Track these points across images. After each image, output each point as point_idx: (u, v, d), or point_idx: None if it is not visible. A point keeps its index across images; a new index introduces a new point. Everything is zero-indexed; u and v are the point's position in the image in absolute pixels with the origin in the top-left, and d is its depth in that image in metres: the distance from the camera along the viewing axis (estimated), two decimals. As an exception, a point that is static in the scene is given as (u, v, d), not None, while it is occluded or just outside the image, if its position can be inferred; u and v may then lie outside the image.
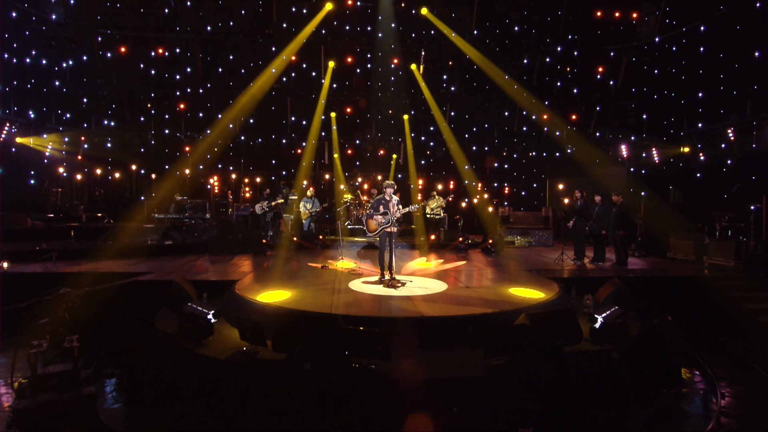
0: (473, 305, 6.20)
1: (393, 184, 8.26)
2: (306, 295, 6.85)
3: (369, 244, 13.18)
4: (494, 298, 6.63)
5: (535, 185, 18.88)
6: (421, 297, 6.75)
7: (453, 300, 6.54)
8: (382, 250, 8.27)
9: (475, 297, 6.73)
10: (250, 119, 17.43)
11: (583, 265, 9.74)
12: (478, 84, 17.27)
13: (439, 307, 6.08)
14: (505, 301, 6.49)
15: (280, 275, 8.71)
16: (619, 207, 9.44)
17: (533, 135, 18.23)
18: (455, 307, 6.11)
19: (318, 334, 4.71)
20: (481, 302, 6.38)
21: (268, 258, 11.07)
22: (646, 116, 16.34)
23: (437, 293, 7.03)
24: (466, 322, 5.64)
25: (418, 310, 5.91)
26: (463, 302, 6.38)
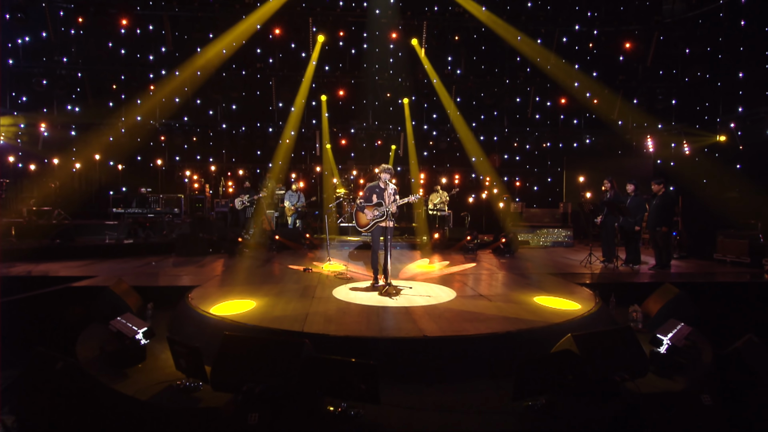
0: (491, 320, 4.89)
1: (390, 168, 7.00)
2: (276, 305, 5.54)
3: (364, 243, 11.88)
4: (517, 311, 5.31)
5: (549, 179, 17.55)
6: (424, 309, 5.44)
7: (464, 313, 5.22)
8: (375, 250, 6.99)
9: (493, 309, 5.41)
10: (232, 105, 16.13)
11: (615, 268, 8.41)
12: (487, 65, 15.95)
13: (446, 323, 4.77)
14: (532, 314, 5.17)
15: (252, 280, 7.40)
16: (661, 198, 8.11)
17: (547, 123, 16.91)
18: (468, 323, 4.79)
19: (275, 366, 3.40)
20: (501, 316, 5.07)
21: (244, 259, 9.77)
22: (675, 101, 15.00)
23: (443, 304, 5.72)
24: (483, 344, 4.33)
25: (419, 328, 4.59)
26: (478, 316, 5.06)
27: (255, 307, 5.46)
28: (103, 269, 8.16)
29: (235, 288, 6.66)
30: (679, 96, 14.81)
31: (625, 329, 3.85)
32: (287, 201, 12.77)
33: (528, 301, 5.84)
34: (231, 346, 3.58)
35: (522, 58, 16.15)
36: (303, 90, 14.64)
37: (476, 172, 16.43)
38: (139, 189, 12.09)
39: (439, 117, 16.90)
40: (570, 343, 3.66)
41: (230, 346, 3.57)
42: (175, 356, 3.91)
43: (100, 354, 4.51)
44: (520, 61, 16.20)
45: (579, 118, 16.84)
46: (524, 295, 6.26)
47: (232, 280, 7.41)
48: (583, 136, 16.81)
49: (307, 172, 17.13)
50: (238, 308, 5.43)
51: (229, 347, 3.57)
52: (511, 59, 16.08)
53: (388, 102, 16.05)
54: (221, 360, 3.52)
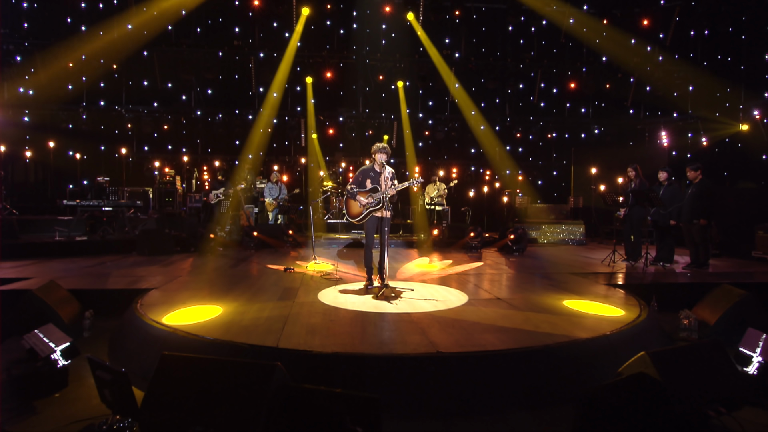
0: (519, 331, 3.98)
1: (386, 148, 6.09)
2: (247, 312, 4.57)
3: (354, 241, 10.95)
4: (549, 318, 4.41)
5: (555, 173, 16.76)
6: (431, 315, 4.51)
7: (482, 321, 4.30)
8: (368, 245, 6.08)
9: (517, 316, 4.50)
10: (208, 89, 15.09)
11: (644, 267, 7.56)
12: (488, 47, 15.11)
13: (463, 335, 3.85)
14: (568, 322, 4.27)
15: (222, 281, 6.42)
16: (698, 186, 7.28)
17: (553, 112, 16.13)
18: (490, 334, 3.88)
19: (234, 400, 2.44)
20: (530, 325, 4.16)
21: (216, 258, 8.77)
22: (693, 88, 14.28)
23: (454, 309, 4.80)
24: (516, 363, 3.41)
25: (430, 341, 3.66)
26: (502, 326, 4.15)
27: (221, 315, 4.48)
28: (43, 270, 7.10)
29: (201, 291, 5.68)
30: (697, 81, 14.09)
31: (714, 344, 2.95)
32: (267, 194, 11.79)
33: (557, 306, 4.94)
34: (171, 371, 2.61)
35: (526, 41, 15.38)
36: (284, 70, 13.62)
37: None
38: (95, 178, 10.98)
39: (436, 104, 16.04)
40: (645, 364, 2.76)
41: (170, 372, 2.60)
42: (99, 384, 2.93)
43: (7, 379, 3.51)
44: (524, 44, 15.42)
45: (587, 106, 16.10)
46: (550, 298, 5.36)
47: (199, 281, 6.41)
48: (591, 126, 16.06)
49: (291, 164, 16.14)
50: (199, 316, 4.45)
51: (169, 374, 2.60)
52: (514, 40, 15.27)
53: (381, 87, 15.12)
54: (156, 392, 2.56)
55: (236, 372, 2.53)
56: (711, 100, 13.59)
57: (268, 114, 14.74)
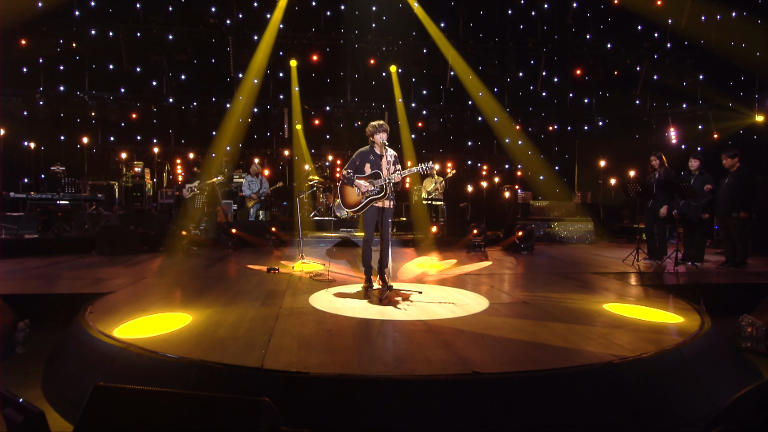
0: (566, 341, 3.28)
1: (385, 126, 5.37)
2: (223, 320, 3.80)
3: (344, 240, 10.20)
4: (593, 326, 3.73)
5: (557, 167, 16.19)
6: (452, 324, 3.79)
7: (517, 330, 3.60)
8: (368, 239, 5.37)
9: (557, 324, 3.81)
10: (181, 74, 14.18)
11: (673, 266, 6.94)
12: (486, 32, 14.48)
13: (499, 349, 3.14)
14: (620, 330, 3.60)
15: (194, 284, 5.62)
16: (737, 176, 6.71)
17: (555, 103, 15.57)
18: (535, 349, 3.17)
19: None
20: (577, 335, 3.47)
21: (189, 258, 7.94)
22: (703, 76, 13.85)
23: (476, 316, 4.09)
24: (575, 386, 2.71)
25: (460, 357, 2.94)
26: (543, 336, 3.45)
27: (190, 325, 3.70)
28: (-18, 272, 6.20)
29: (168, 295, 4.89)
30: (708, 69, 13.66)
31: None
32: (247, 188, 10.97)
33: (598, 311, 4.27)
34: (106, 412, 1.83)
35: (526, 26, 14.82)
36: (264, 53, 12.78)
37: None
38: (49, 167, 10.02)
39: (431, 93, 15.37)
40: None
41: (105, 413, 1.83)
42: (9, 426, 2.14)
43: None
44: (524, 29, 14.85)
45: (590, 96, 15.58)
46: (585, 301, 4.69)
47: (166, 284, 5.60)
48: (595, 118, 15.54)
49: (274, 157, 15.31)
50: (162, 326, 3.67)
51: (103, 416, 1.82)
52: (514, 25, 14.68)
53: (371, 74, 14.38)
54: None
55: (204, 413, 1.77)
56: (723, 90, 13.16)
57: (248, 102, 13.88)
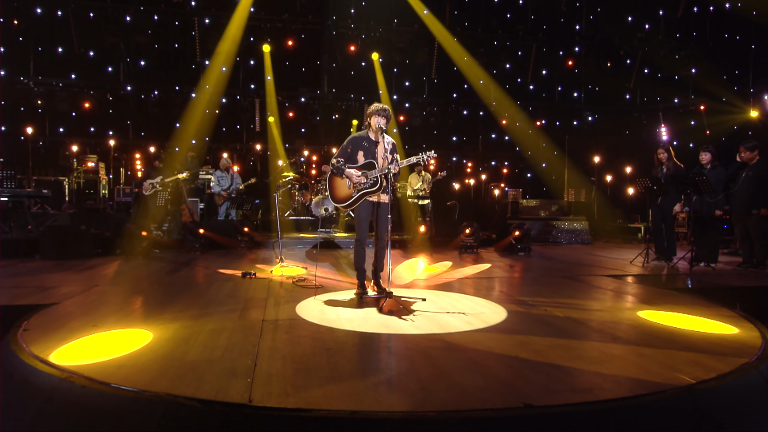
0: (619, 362, 2.80)
1: (386, 110, 4.84)
2: (194, 338, 3.17)
3: (324, 241, 9.59)
4: (638, 338, 3.28)
5: (544, 164, 15.96)
6: (474, 338, 3.27)
7: (554, 345, 3.10)
8: (361, 239, 4.83)
9: (600, 338, 3.34)
10: (140, 60, 13.29)
11: (689, 268, 6.62)
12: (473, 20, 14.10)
13: (541, 373, 2.63)
14: (673, 344, 3.15)
15: (157, 293, 4.94)
16: (757, 170, 6.42)
17: (543, 96, 15.32)
18: (591, 375, 2.68)
19: None
20: (630, 352, 3.00)
21: (150, 263, 7.21)
22: (696, 70, 13.80)
23: (498, 327, 3.58)
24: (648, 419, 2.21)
25: (499, 382, 2.42)
26: (587, 353, 2.96)
27: (152, 344, 3.07)
28: None
29: (124, 307, 4.21)
30: (701, 63, 13.62)
31: None
32: (217, 185, 10.25)
33: (634, 320, 3.82)
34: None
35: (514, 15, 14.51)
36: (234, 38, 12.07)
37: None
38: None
39: (413, 85, 14.90)
40: None
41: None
42: None
43: None
44: (511, 18, 14.54)
45: (580, 90, 15.40)
46: (614, 309, 4.25)
47: (123, 293, 4.91)
48: (584, 113, 15.36)
49: (244, 152, 14.58)
50: (117, 347, 3.02)
51: None
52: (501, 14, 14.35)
53: (350, 63, 13.84)
54: None
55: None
56: (717, 84, 13.12)
57: (216, 92, 13.15)
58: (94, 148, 13.11)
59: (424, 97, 14.82)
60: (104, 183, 12.10)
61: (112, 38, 11.84)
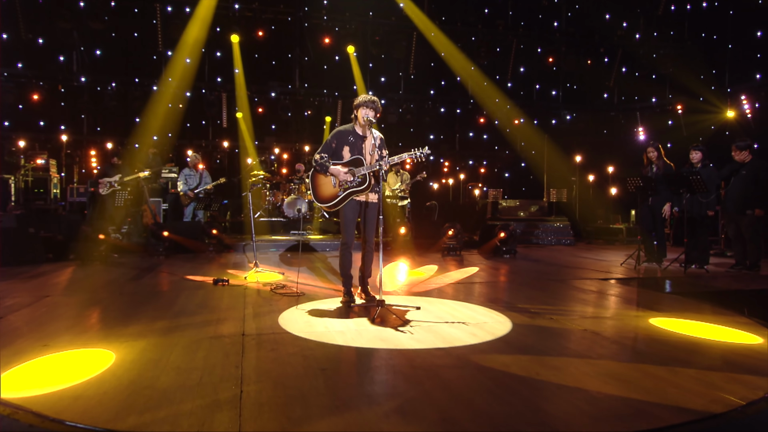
0: (654, 381, 2.58)
1: (374, 101, 4.56)
2: (164, 360, 2.79)
3: (298, 243, 9.21)
4: (662, 349, 3.08)
5: (522, 164, 15.95)
6: (484, 354, 3.00)
7: (579, 363, 2.87)
8: (347, 242, 4.54)
9: (618, 349, 3.12)
10: (96, 49, 12.58)
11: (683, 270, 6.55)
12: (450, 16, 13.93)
13: (572, 395, 2.38)
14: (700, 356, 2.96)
15: (117, 305, 4.49)
16: (751, 169, 6.40)
17: (521, 94, 15.28)
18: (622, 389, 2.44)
19: None
20: (665, 372, 2.78)
21: (108, 269, 6.69)
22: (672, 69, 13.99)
23: (503, 340, 3.33)
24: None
25: (529, 408, 2.15)
26: (615, 369, 2.74)
27: (115, 367, 2.68)
28: None
29: (80, 322, 3.77)
30: (679, 62, 13.81)
31: None
32: (183, 183, 9.73)
33: (648, 329, 3.63)
34: None
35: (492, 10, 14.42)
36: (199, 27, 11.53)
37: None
38: None
39: (389, 81, 14.63)
40: None
41: None
42: None
43: None
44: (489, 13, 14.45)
45: (558, 88, 15.44)
46: (624, 317, 4.07)
47: (78, 304, 4.44)
48: (562, 112, 15.40)
49: (210, 149, 14.00)
50: (73, 372, 2.63)
51: None
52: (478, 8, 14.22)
53: (323, 57, 13.45)
54: None
55: None
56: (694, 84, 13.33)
57: (180, 85, 12.56)
58: (44, 144, 12.32)
59: (400, 94, 14.58)
60: (55, 182, 11.36)
61: (64, 24, 11.10)
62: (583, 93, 15.29)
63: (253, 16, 12.04)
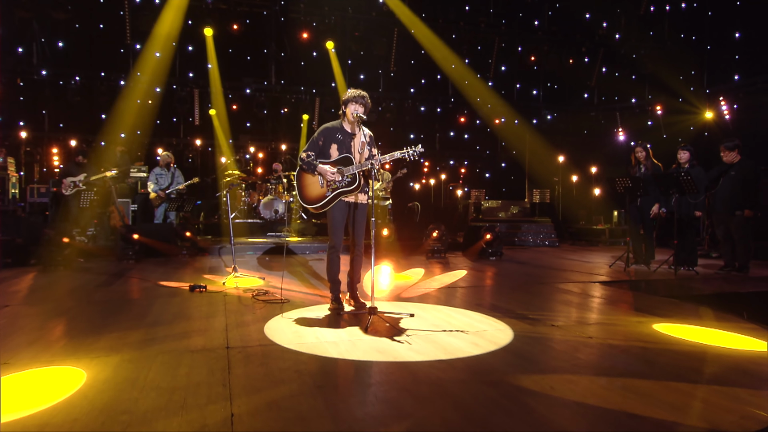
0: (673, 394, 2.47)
1: (364, 96, 4.38)
2: (141, 379, 2.55)
3: (276, 246, 8.96)
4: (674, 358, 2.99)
5: (503, 164, 15.97)
6: (491, 366, 2.85)
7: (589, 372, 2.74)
8: (335, 245, 4.36)
9: (632, 360, 3.01)
10: (58, 41, 12.06)
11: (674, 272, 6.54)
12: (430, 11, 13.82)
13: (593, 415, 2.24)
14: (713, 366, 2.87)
15: (86, 315, 4.20)
16: (740, 169, 6.43)
17: (502, 93, 15.28)
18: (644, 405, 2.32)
19: None
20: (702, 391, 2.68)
21: (73, 275, 6.33)
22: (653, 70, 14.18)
23: (507, 349, 3.19)
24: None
25: (547, 427, 2.00)
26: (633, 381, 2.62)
27: (85, 388, 2.43)
28: None
29: (44, 335, 3.48)
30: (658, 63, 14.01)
31: None
32: (154, 183, 9.35)
33: (655, 336, 3.55)
34: None
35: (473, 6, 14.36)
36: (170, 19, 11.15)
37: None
38: None
39: (368, 78, 14.44)
40: None
41: None
42: None
43: None
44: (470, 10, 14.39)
45: (539, 88, 15.50)
46: (627, 322, 3.98)
47: (41, 315, 4.13)
48: (543, 112, 15.46)
49: (181, 147, 13.58)
50: (37, 395, 2.36)
51: None
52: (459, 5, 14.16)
53: (300, 52, 13.18)
54: None
55: None
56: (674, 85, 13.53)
57: (149, 80, 12.13)
58: (2, 141, 11.71)
59: (379, 92, 14.39)
60: (14, 181, 10.81)
61: (24, 13, 10.57)
62: (564, 93, 15.40)
63: (227, 8, 11.70)
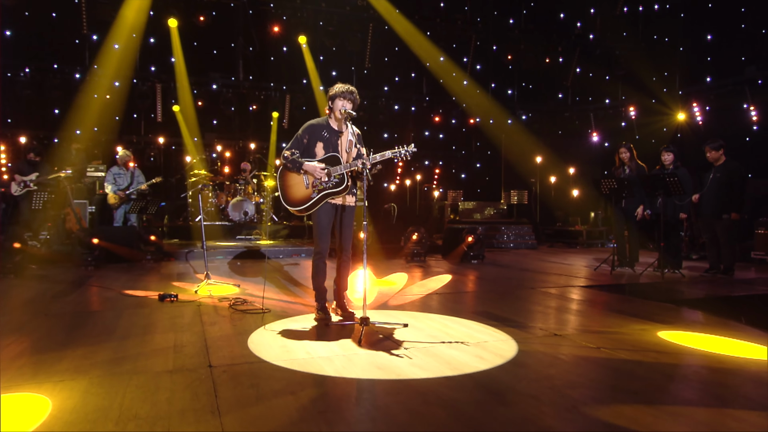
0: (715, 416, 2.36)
1: (352, 92, 4.19)
2: (114, 408, 2.28)
3: (248, 250, 8.65)
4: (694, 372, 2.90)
5: (478, 165, 15.97)
6: (501, 383, 2.69)
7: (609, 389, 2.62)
8: (321, 251, 4.18)
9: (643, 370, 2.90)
10: (6, 30, 11.38)
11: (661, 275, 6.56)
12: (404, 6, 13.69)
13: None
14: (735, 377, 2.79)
15: (46, 330, 3.84)
16: (725, 171, 6.48)
17: (477, 93, 15.29)
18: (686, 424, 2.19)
19: None
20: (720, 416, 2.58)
21: (27, 283, 5.89)
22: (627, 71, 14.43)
23: (515, 363, 3.04)
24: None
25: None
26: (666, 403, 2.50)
27: (51, 420, 2.14)
28: None
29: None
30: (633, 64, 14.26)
31: None
32: (113, 183, 8.88)
33: (664, 345, 3.46)
34: None
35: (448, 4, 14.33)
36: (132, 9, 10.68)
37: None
38: None
39: (341, 75, 14.19)
40: None
41: None
42: None
43: None
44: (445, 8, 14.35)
45: (513, 88, 15.57)
46: (631, 332, 3.89)
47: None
48: (518, 112, 15.53)
49: (143, 146, 13.02)
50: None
51: None
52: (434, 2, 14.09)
53: (269, 47, 12.85)
54: None
55: None
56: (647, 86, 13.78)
57: (107, 74, 11.59)
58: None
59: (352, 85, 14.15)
60: (-42, 181, 10.14)
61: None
62: (539, 93, 15.51)
63: (191, 1, 11.27)
